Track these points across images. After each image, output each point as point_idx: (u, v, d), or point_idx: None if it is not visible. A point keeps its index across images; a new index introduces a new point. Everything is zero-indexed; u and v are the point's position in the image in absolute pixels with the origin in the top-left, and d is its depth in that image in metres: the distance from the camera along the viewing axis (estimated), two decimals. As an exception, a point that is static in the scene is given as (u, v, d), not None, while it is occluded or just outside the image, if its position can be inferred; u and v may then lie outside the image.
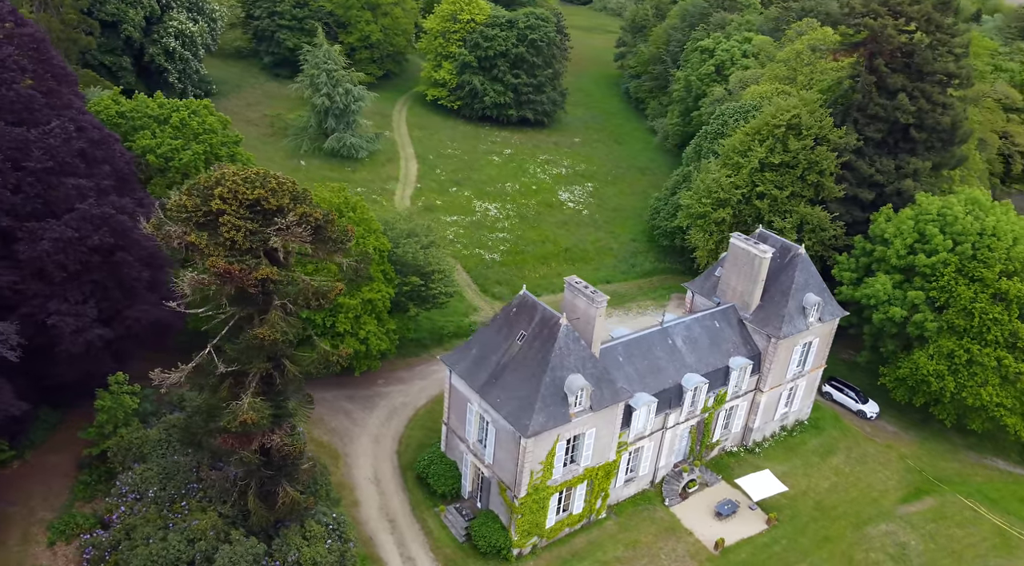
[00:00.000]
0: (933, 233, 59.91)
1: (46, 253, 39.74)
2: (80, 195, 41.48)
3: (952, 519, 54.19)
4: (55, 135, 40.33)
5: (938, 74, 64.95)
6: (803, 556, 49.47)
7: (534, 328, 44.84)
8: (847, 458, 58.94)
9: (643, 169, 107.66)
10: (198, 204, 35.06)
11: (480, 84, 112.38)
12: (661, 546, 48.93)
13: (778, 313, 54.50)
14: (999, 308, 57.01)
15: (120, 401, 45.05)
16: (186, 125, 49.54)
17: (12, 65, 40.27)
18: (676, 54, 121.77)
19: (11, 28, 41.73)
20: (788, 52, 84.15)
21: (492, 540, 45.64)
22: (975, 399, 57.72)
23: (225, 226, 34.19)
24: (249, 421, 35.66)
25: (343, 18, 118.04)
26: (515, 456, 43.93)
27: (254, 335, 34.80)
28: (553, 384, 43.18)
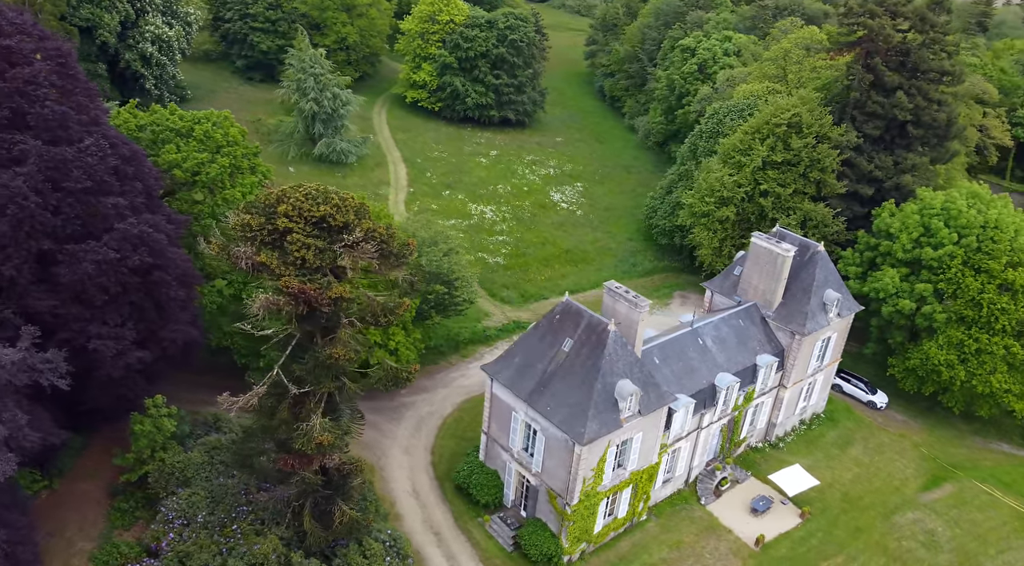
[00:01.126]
0: (938, 227, 61.72)
1: (88, 276, 38.28)
2: (118, 214, 40.08)
3: (971, 504, 56.00)
4: (91, 153, 38.86)
5: (933, 72, 66.88)
6: (840, 548, 50.58)
7: (580, 335, 44.87)
8: (865, 449, 60.43)
9: (628, 168, 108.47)
10: (263, 223, 34.20)
11: (462, 85, 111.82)
12: (704, 545, 49.52)
13: (801, 310, 55.53)
14: (1006, 298, 59.06)
15: (159, 424, 43.72)
16: (210, 137, 48.18)
17: (43, 81, 38.64)
18: (652, 52, 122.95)
19: (37, 42, 40.03)
20: (776, 51, 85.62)
21: (543, 548, 45.56)
22: (985, 386, 59.74)
23: (294, 244, 33.42)
24: (326, 443, 34.94)
25: (318, 20, 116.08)
26: (567, 464, 43.93)
27: (328, 355, 34.07)
28: (604, 390, 43.30)
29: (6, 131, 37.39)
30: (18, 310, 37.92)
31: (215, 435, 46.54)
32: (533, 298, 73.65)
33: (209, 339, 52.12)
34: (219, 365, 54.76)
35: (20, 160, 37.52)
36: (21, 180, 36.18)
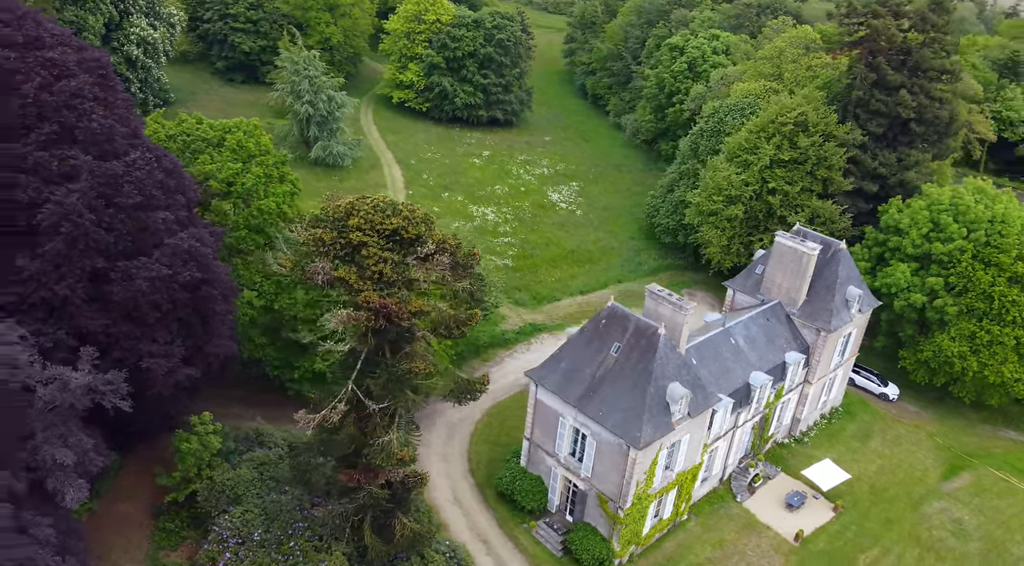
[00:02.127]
0: (947, 222, 63.34)
1: (141, 293, 37.20)
2: (167, 229, 39.05)
3: (991, 491, 57.72)
4: (139, 167, 37.75)
5: (934, 70, 68.56)
6: (875, 540, 51.72)
7: (629, 339, 45.06)
8: (883, 440, 61.84)
9: (618, 166, 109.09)
10: (335, 237, 33.64)
11: (450, 85, 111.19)
12: (745, 543, 50.20)
13: (826, 307, 56.54)
14: (1015, 290, 60.91)
15: (205, 442, 42.74)
16: (243, 146, 47.13)
17: (88, 94, 37.41)
18: (636, 50, 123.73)
19: (77, 53, 38.73)
20: (770, 50, 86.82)
21: (595, 552, 45.70)
22: (996, 376, 61.57)
23: (371, 259, 32.93)
24: (407, 458, 34.54)
25: (301, 20, 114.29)
26: (620, 468, 44.12)
27: (408, 369, 33.67)
28: (656, 394, 43.57)
29: (55, 146, 36.10)
30: (70, 330, 36.72)
31: (259, 450, 45.66)
32: (546, 299, 73.67)
33: (240, 351, 51.14)
34: (249, 378, 53.75)
35: (71, 176, 36.30)
36: (75, 197, 35.00)
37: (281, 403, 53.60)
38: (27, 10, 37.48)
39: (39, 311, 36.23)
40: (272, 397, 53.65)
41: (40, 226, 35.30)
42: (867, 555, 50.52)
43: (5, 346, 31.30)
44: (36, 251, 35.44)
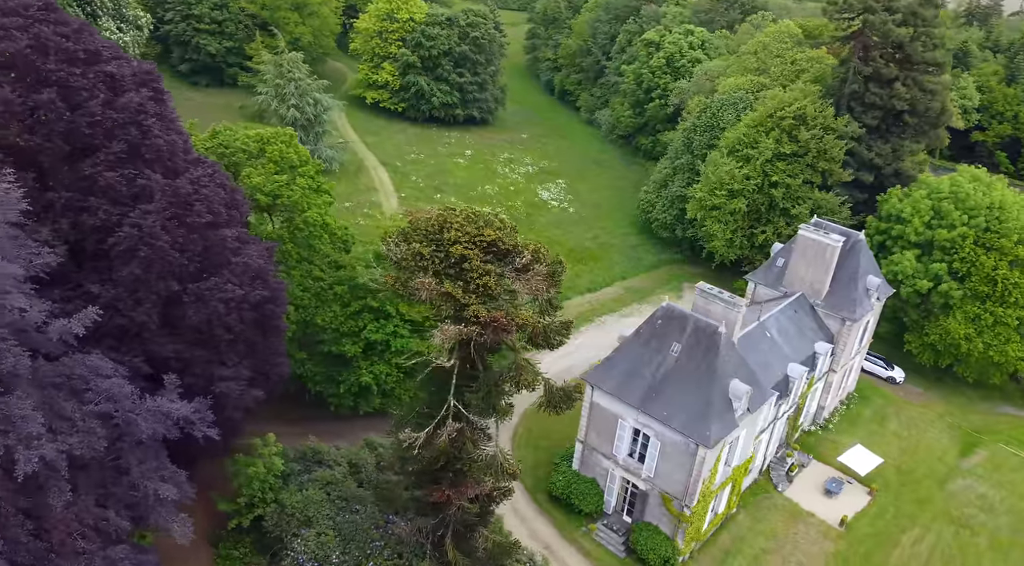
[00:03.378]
0: (949, 209, 65.83)
1: (216, 315, 35.80)
2: (234, 248, 37.64)
3: (1006, 467, 60.38)
4: (204, 184, 36.28)
5: (925, 63, 71.06)
6: (912, 521, 53.56)
7: (688, 338, 45.45)
8: (899, 423, 64.02)
9: (599, 162, 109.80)
10: (434, 251, 32.92)
11: (427, 85, 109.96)
12: (794, 531, 51.34)
13: (850, 297, 58.12)
14: (1017, 272, 63.76)
15: (270, 465, 41.43)
16: (285, 157, 45.64)
17: (150, 109, 35.70)
18: (605, 46, 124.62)
19: (131, 66, 36.88)
20: (753, 45, 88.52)
21: (660, 551, 46.07)
22: (1001, 356, 64.45)
23: (474, 272, 32.32)
24: (517, 471, 34.13)
25: (269, 20, 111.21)
26: (686, 467, 44.55)
27: (517, 382, 33.20)
28: (721, 392, 44.13)
29: (124, 165, 34.34)
30: (143, 356, 35.09)
31: (320, 470, 44.44)
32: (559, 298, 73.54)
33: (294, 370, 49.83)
34: (289, 394, 52.18)
35: (139, 196, 34.59)
36: (152, 219, 33.39)
37: (324, 419, 52.43)
38: (80, 22, 35.46)
39: (110, 338, 34.48)
40: (313, 413, 52.36)
41: (114, 250, 33.58)
42: (908, 535, 52.28)
43: (107, 380, 29.77)
44: (111, 277, 33.70)
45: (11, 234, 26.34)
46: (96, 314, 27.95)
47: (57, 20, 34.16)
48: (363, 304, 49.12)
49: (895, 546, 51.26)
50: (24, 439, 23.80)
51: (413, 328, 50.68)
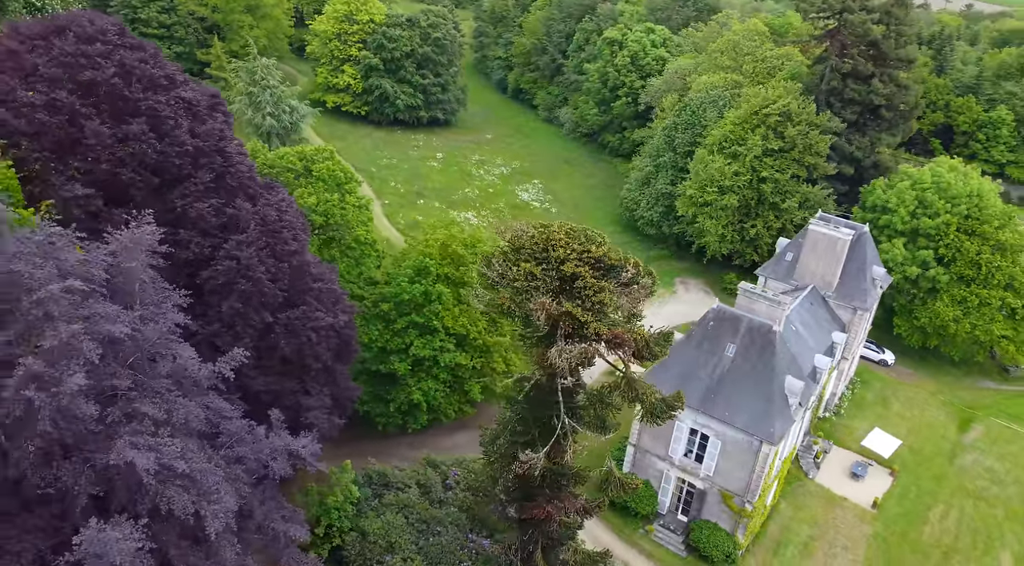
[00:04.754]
0: (933, 199, 69.46)
1: (308, 345, 34.77)
2: (315, 276, 36.59)
3: (1002, 439, 64.33)
4: (286, 209, 35.13)
5: (899, 60, 74.59)
6: (934, 497, 56.54)
7: (743, 339, 46.66)
8: (901, 404, 67.32)
9: (567, 161, 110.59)
10: (545, 270, 32.72)
11: (391, 87, 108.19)
12: (833, 517, 53.45)
13: (860, 287, 60.71)
14: (998, 256, 67.89)
15: (347, 492, 40.46)
16: (332, 176, 44.31)
17: (229, 135, 34.24)
18: (561, 44, 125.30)
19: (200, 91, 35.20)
20: (724, 43, 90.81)
21: (723, 548, 47.25)
22: (987, 334, 68.61)
23: (589, 289, 32.31)
24: (638, 487, 34.35)
25: (221, 23, 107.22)
26: (748, 464, 45.82)
27: (635, 395, 33.40)
28: (779, 389, 45.52)
29: (211, 195, 32.85)
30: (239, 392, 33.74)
31: (389, 493, 43.59)
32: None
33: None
34: (333, 416, 50.88)
35: (229, 226, 33.18)
36: (250, 251, 32.10)
37: (370, 438, 51.41)
38: (152, 44, 33.61)
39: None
40: (357, 433, 51.14)
41: (209, 284, 32.15)
42: (934, 512, 55.17)
43: (232, 421, 28.53)
44: (206, 312, 32.23)
45: (153, 277, 24.89)
46: (244, 356, 26.72)
47: (133, 44, 32.34)
48: (409, 320, 48.35)
49: (924, 523, 54.03)
50: (205, 494, 22.64)
51: (457, 342, 50.23)
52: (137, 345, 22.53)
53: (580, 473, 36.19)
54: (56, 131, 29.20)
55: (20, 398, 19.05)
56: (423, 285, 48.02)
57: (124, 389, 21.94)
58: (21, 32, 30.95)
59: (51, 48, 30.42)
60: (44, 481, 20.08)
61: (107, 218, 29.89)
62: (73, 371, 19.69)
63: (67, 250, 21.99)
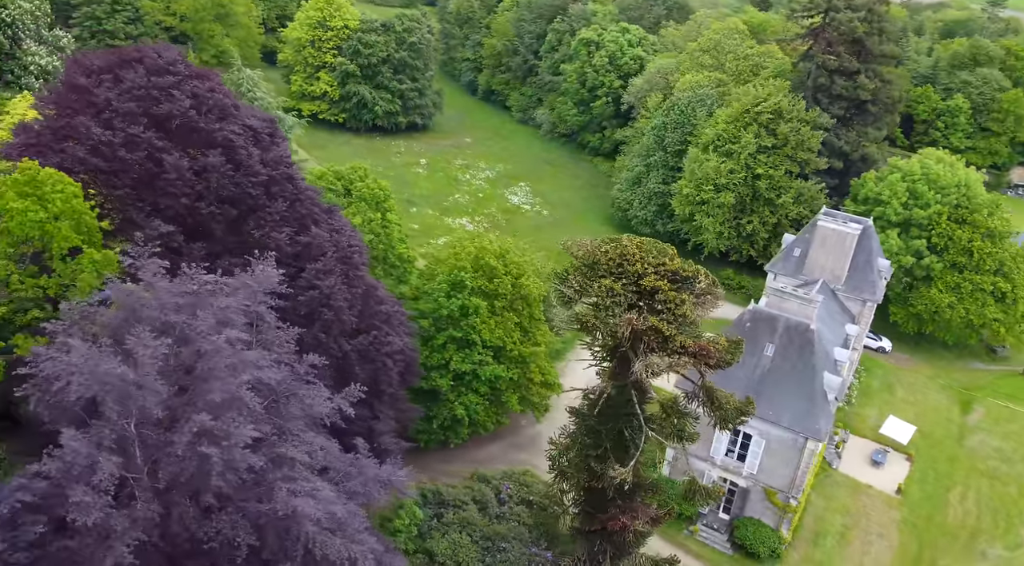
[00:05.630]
0: (923, 190, 71.87)
1: (384, 370, 34.45)
2: (380, 298, 36.22)
3: (1002, 418, 67.05)
4: (349, 234, 34.73)
5: (884, 56, 76.84)
6: (951, 479, 58.65)
7: (781, 338, 47.67)
8: (904, 389, 69.57)
9: (548, 161, 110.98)
10: (625, 284, 32.95)
11: (369, 93, 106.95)
12: (862, 505, 55.03)
13: (868, 279, 62.50)
14: (988, 243, 70.61)
15: (412, 514, 40.18)
16: (373, 195, 43.72)
17: (289, 161, 33.62)
18: (532, 45, 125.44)
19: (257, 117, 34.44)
20: (706, 42, 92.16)
21: (769, 543, 48.27)
22: (980, 318, 71.35)
23: (671, 302, 32.66)
24: (723, 495, 34.87)
25: (191, 33, 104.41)
26: (793, 461, 46.91)
27: (718, 405, 33.89)
28: (819, 386, 46.66)
29: (285, 223, 32.22)
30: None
31: (447, 511, 43.38)
32: (568, 305, 74.43)
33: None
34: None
35: (303, 254, 32.62)
36: (331, 279, 31.63)
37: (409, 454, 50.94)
38: (216, 74, 32.77)
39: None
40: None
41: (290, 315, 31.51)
42: (954, 494, 57.25)
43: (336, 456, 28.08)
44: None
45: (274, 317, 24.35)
46: (362, 391, 26.36)
47: (199, 73, 31.48)
48: (447, 335, 48.10)
49: (947, 506, 56.02)
50: (350, 536, 22.32)
51: (494, 354, 50.15)
52: (274, 389, 22.04)
53: (655, 483, 36.66)
54: (135, 167, 28.28)
55: (195, 454, 18.51)
56: (460, 299, 47.83)
57: (268, 434, 21.46)
58: (86, 66, 29.86)
59: (120, 81, 29.43)
60: (207, 535, 19.52)
61: (187, 253, 29.10)
62: (238, 424, 19.20)
63: (218, 296, 21.33)
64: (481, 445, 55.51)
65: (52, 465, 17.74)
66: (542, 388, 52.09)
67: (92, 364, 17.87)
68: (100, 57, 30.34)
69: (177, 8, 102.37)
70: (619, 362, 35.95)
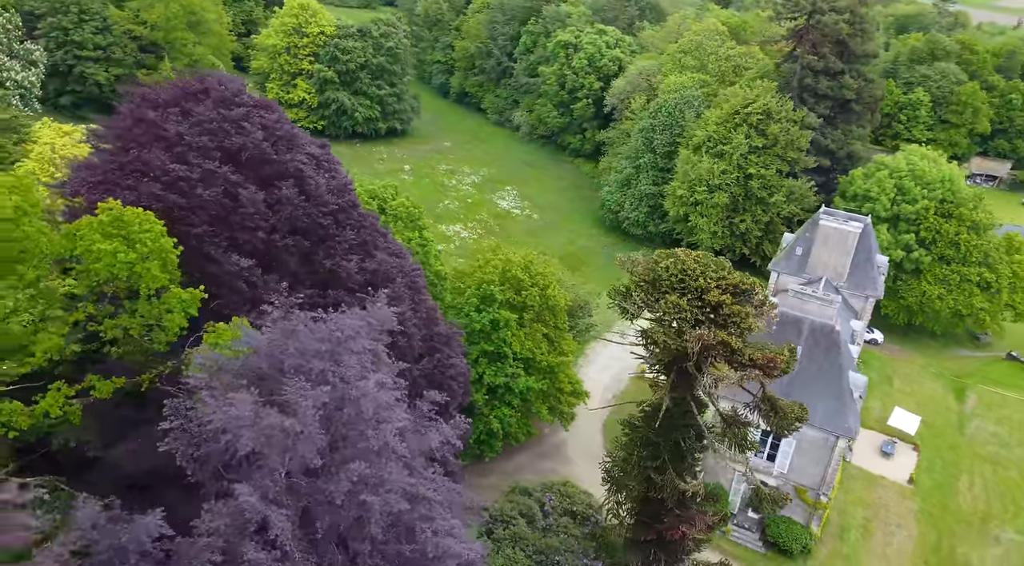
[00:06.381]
0: (911, 186, 74.23)
1: (452, 393, 34.47)
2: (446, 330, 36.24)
3: (993, 403, 69.76)
4: (417, 269, 34.65)
5: (866, 55, 79.03)
6: (959, 468, 60.86)
7: (807, 339, 48.85)
8: (900, 379, 71.87)
9: (529, 164, 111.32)
10: (691, 300, 33.48)
11: (348, 100, 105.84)
12: (879, 496, 56.79)
13: (869, 276, 64.32)
14: (974, 236, 73.30)
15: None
16: (409, 213, 43.43)
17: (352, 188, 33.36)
18: (506, 47, 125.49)
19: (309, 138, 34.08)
20: (687, 43, 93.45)
21: (801, 540, 49.56)
22: (968, 308, 74.06)
23: (737, 316, 33.31)
24: (789, 498, 35.68)
25: (163, 41, 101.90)
26: (823, 459, 48.21)
27: (785, 414, 34.66)
28: (846, 385, 48.01)
29: (354, 251, 31.99)
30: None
31: (497, 526, 43.48)
32: (573, 309, 75.05)
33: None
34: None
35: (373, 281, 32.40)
36: (405, 306, 31.54)
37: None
38: (275, 103, 32.27)
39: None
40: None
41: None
42: (962, 482, 59.44)
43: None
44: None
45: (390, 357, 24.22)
46: (466, 422, 26.40)
47: (262, 103, 31.02)
48: (480, 350, 48.18)
49: (957, 493, 58.16)
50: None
51: (524, 365, 50.42)
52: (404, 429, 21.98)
53: (713, 491, 37.41)
54: (213, 203, 27.82)
55: (354, 503, 18.39)
56: (490, 312, 47.96)
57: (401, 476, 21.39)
58: (151, 99, 29.18)
59: (188, 114, 28.87)
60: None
61: (264, 288, 28.73)
62: (391, 470, 19.14)
63: (357, 340, 21.12)
64: (510, 456, 55.73)
65: (219, 521, 17.46)
66: (571, 397, 52.51)
67: (260, 417, 17.61)
68: (164, 90, 29.61)
69: (147, 17, 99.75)
70: (678, 375, 36.60)
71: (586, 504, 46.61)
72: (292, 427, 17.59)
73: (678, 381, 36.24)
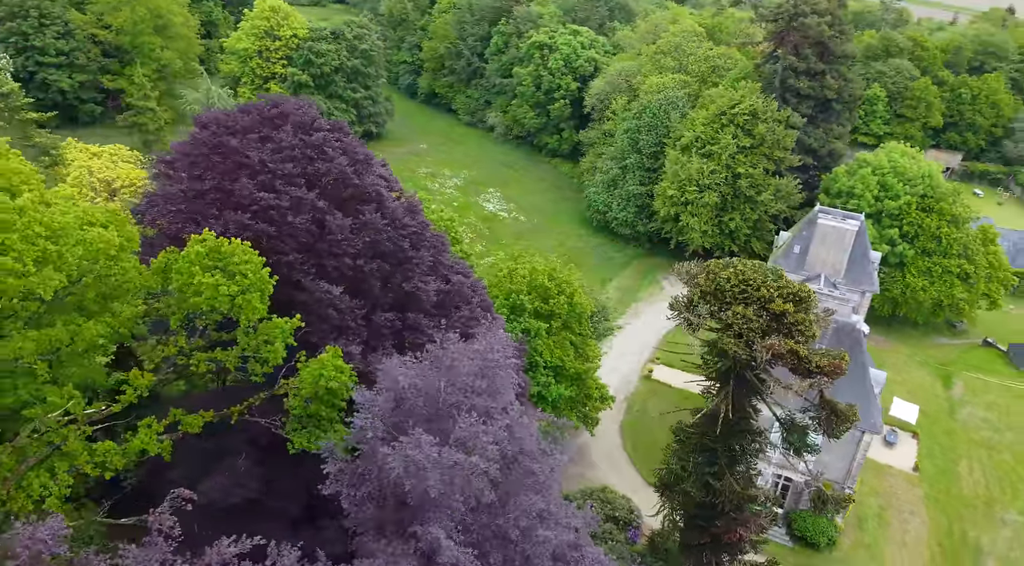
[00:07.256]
0: (893, 183, 76.82)
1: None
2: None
3: (979, 389, 72.89)
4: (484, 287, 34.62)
5: (846, 56, 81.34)
6: (957, 454, 63.43)
7: (831, 340, 50.26)
8: (891, 369, 74.27)
9: (507, 165, 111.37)
10: (756, 310, 34.18)
11: (323, 104, 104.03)
12: (889, 485, 58.86)
13: (865, 271, 66.49)
14: (953, 229, 76.29)
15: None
16: (449, 228, 43.11)
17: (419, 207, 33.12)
18: (476, 47, 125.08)
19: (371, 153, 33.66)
20: (666, 44, 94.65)
21: (827, 533, 51.13)
22: (949, 298, 77.10)
23: (800, 325, 34.16)
24: (853, 499, 36.67)
25: (129, 46, 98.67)
26: (849, 454, 49.80)
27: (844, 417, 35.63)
28: (869, 382, 49.60)
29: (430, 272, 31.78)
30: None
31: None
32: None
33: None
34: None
35: (446, 302, 32.31)
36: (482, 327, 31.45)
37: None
38: (344, 123, 31.75)
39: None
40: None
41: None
42: (961, 466, 62.02)
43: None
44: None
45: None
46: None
47: (337, 126, 30.56)
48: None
49: (959, 478, 60.66)
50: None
51: (554, 374, 50.70)
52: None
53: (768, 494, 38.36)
54: (302, 231, 27.37)
55: (530, 538, 18.42)
56: (521, 322, 48.09)
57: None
58: (229, 126, 28.49)
59: (268, 141, 28.29)
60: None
61: (352, 314, 28.40)
62: (559, 503, 19.21)
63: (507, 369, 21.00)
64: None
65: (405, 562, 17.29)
66: (599, 403, 52.98)
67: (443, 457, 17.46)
68: (241, 116, 28.88)
69: (112, 21, 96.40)
70: (737, 382, 37.40)
71: (627, 510, 47.19)
72: (476, 465, 17.53)
73: (737, 389, 37.01)
